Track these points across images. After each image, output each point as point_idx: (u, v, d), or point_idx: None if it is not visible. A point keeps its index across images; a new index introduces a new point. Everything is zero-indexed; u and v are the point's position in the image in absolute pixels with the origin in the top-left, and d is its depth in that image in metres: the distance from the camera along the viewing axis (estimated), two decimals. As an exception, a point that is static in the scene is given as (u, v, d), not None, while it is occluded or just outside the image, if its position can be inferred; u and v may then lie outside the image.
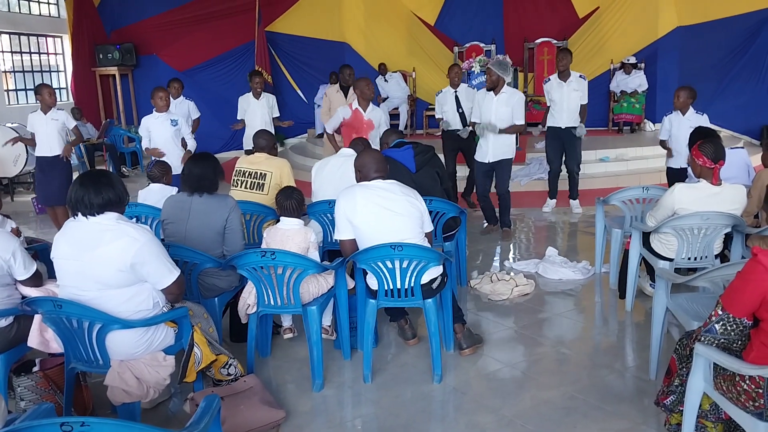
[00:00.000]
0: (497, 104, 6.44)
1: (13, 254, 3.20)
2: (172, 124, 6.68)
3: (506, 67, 6.48)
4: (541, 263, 5.60)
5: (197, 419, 2.23)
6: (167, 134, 6.65)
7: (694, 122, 6.29)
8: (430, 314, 3.65)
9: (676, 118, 6.40)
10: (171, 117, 6.71)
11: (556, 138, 7.39)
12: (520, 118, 6.50)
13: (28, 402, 3.30)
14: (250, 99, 8.03)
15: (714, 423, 2.72)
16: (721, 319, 2.46)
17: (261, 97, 8.02)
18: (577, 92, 7.22)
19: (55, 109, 6.97)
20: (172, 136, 6.67)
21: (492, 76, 6.38)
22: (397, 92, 11.77)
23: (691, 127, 6.24)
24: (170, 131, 6.66)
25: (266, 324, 4.07)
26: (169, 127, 6.66)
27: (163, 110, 6.68)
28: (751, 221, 4.36)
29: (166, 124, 6.66)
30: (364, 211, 3.60)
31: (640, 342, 4.17)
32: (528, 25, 12.19)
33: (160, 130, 6.66)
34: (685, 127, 6.27)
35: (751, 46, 11.36)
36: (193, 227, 3.83)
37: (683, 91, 6.34)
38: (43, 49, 12.90)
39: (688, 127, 6.25)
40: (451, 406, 3.51)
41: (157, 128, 6.67)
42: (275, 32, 12.67)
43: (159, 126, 6.66)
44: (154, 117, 6.70)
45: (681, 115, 6.35)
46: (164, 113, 6.68)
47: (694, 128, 4.85)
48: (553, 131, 7.40)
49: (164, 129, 6.65)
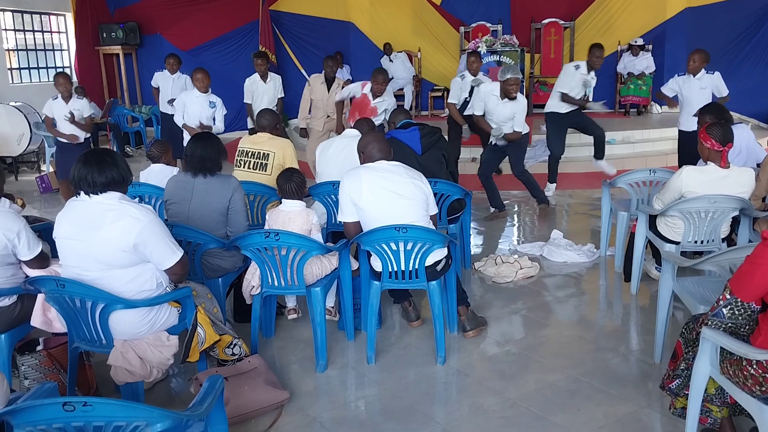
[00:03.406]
0: (503, 109, 6.35)
1: (18, 234, 3.17)
2: (210, 106, 6.86)
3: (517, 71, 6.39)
4: (546, 246, 5.57)
5: (200, 399, 2.23)
6: (204, 115, 6.83)
7: (705, 83, 6.29)
8: (434, 296, 3.64)
9: (686, 81, 6.36)
10: (210, 99, 6.87)
11: (560, 124, 7.27)
12: (521, 126, 6.42)
13: (32, 381, 3.31)
14: (258, 82, 8.01)
15: (719, 407, 2.71)
16: (729, 303, 2.43)
17: (269, 80, 8.03)
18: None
19: (76, 98, 7.18)
20: (208, 117, 6.84)
21: (516, 85, 6.24)
22: (402, 73, 11.67)
23: (701, 88, 6.24)
24: (207, 113, 6.85)
25: (270, 305, 4.07)
26: (207, 108, 6.85)
27: (203, 91, 6.83)
28: (759, 204, 4.32)
29: (205, 105, 6.84)
30: (369, 193, 3.57)
31: (644, 325, 4.15)
32: (535, 5, 12.04)
33: (196, 109, 6.85)
34: (696, 88, 6.28)
35: (760, 28, 11.24)
36: (196, 207, 3.82)
37: (698, 54, 6.30)
38: (47, 28, 12.80)
39: (699, 89, 6.25)
40: (454, 387, 3.51)
41: (193, 106, 6.86)
42: (279, 11, 12.54)
43: (197, 105, 6.85)
44: (194, 95, 6.89)
45: (692, 77, 6.30)
46: (204, 94, 6.84)
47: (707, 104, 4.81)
48: (555, 116, 7.27)
49: (201, 109, 6.83)
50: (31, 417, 1.93)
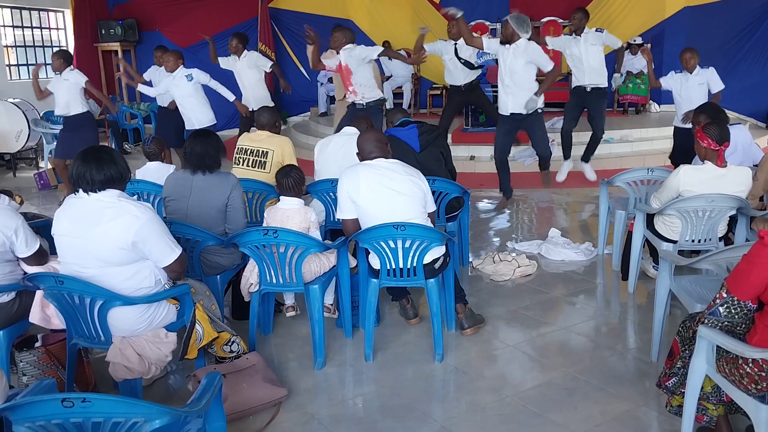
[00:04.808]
0: (513, 56, 6.20)
1: (16, 231, 3.17)
2: (188, 80, 6.76)
3: (522, 23, 6.17)
4: (544, 244, 5.58)
5: (199, 396, 2.24)
6: (186, 91, 6.78)
7: (702, 78, 6.30)
8: (432, 294, 3.65)
9: (683, 77, 6.38)
10: (184, 74, 6.79)
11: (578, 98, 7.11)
12: (546, 64, 6.22)
13: (31, 377, 3.31)
14: (233, 60, 7.70)
15: (715, 405, 2.72)
16: (726, 302, 2.44)
17: (242, 56, 7.59)
18: (595, 46, 6.91)
19: (68, 70, 7.14)
20: (193, 91, 6.75)
21: (507, 29, 6.13)
22: (400, 71, 11.66)
23: (699, 84, 6.27)
24: (189, 89, 6.77)
25: (268, 302, 4.07)
26: (186, 84, 6.77)
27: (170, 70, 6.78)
28: (757, 204, 4.33)
29: (183, 81, 6.77)
30: (367, 190, 3.58)
31: (642, 324, 4.17)
32: (534, 3, 11.99)
33: (179, 89, 6.81)
34: (694, 84, 6.32)
35: (758, 27, 11.23)
36: (194, 205, 3.82)
37: (688, 52, 6.33)
38: (45, 24, 12.78)
39: (697, 85, 6.28)
40: (452, 385, 3.52)
41: (175, 88, 6.84)
42: (278, 8, 12.52)
43: (177, 85, 6.81)
44: (169, 78, 6.85)
45: (689, 75, 6.35)
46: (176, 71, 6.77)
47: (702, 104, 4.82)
48: (576, 91, 7.11)
49: (182, 86, 6.78)
50: (30, 413, 1.93)
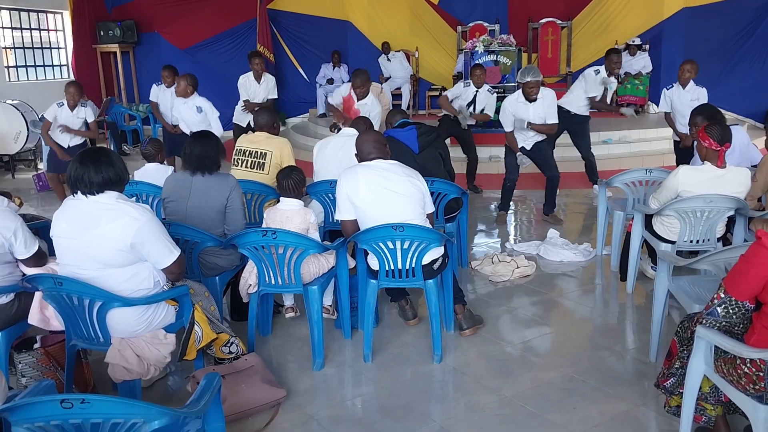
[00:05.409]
0: (534, 111, 6.16)
1: (15, 232, 3.16)
2: (197, 111, 6.81)
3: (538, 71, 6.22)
4: (543, 245, 5.59)
5: (198, 397, 2.24)
6: (192, 120, 6.80)
7: (695, 95, 6.31)
8: (431, 295, 3.65)
9: (677, 92, 6.40)
10: (196, 104, 6.83)
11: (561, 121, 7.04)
12: (553, 118, 6.27)
13: (30, 378, 3.31)
14: (251, 81, 8.00)
15: (714, 405, 2.72)
16: (724, 302, 2.45)
17: (262, 81, 8.04)
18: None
19: (80, 106, 7.13)
20: (199, 122, 6.75)
21: (538, 87, 6.07)
22: (399, 72, 11.67)
23: (692, 99, 6.27)
24: (195, 118, 6.80)
25: (267, 303, 4.07)
26: (194, 114, 6.81)
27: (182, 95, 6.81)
28: (755, 204, 4.34)
29: (192, 110, 6.81)
30: (366, 191, 3.58)
31: (640, 324, 4.17)
32: (532, 4, 12.05)
33: (185, 114, 6.85)
34: (687, 99, 6.32)
35: (756, 28, 11.27)
36: (193, 206, 3.82)
37: (690, 64, 6.37)
38: (44, 26, 12.78)
39: (690, 100, 6.27)
40: (451, 386, 3.52)
41: (181, 112, 6.89)
42: (277, 10, 12.53)
43: (185, 111, 6.85)
44: (181, 101, 6.90)
45: (682, 88, 6.34)
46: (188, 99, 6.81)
47: (698, 105, 4.83)
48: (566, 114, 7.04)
49: (190, 115, 6.82)
50: (29, 414, 1.93)
